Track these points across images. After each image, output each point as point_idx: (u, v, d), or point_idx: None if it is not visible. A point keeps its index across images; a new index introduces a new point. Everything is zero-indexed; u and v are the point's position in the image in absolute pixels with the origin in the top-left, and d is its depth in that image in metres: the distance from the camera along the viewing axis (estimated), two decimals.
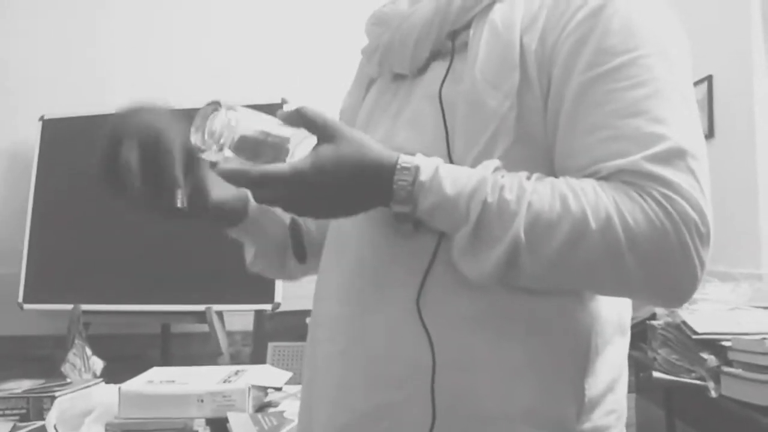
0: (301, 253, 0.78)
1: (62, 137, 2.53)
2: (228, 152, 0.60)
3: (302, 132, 0.61)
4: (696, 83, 2.37)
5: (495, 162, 0.60)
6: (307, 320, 2.04)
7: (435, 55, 0.68)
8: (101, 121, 2.60)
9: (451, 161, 0.63)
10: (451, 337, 0.61)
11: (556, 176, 0.61)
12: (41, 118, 2.56)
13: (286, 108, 0.65)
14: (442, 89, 0.65)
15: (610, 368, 0.66)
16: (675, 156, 0.56)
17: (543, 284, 0.60)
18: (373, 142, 0.61)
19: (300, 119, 0.60)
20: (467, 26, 0.66)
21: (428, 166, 0.59)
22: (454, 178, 0.59)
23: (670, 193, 0.55)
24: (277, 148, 0.60)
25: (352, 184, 0.59)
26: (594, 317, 0.64)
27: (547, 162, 0.62)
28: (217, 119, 0.59)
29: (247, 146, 0.60)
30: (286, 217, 0.79)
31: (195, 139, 0.61)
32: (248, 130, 0.60)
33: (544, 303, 0.61)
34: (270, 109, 2.29)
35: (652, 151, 0.56)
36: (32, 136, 2.55)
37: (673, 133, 0.56)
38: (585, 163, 0.58)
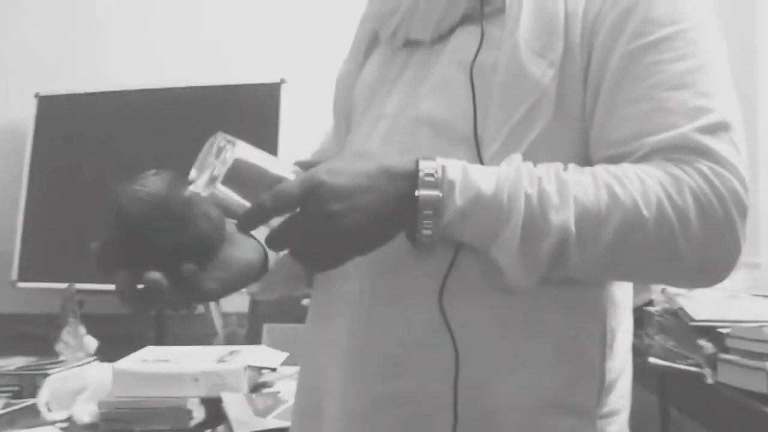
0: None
1: (58, 114, 2.51)
2: (220, 186, 0.56)
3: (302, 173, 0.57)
4: None
5: (519, 156, 0.57)
6: (304, 302, 2.03)
7: (462, 21, 0.65)
8: (97, 99, 2.58)
9: (476, 136, 0.60)
10: (473, 331, 0.59)
11: (590, 155, 0.59)
12: (37, 95, 2.54)
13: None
14: (477, 57, 0.61)
15: (623, 351, 0.65)
16: (721, 129, 0.55)
17: (587, 277, 0.59)
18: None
19: (301, 165, 0.58)
20: None
21: (454, 164, 0.56)
22: (485, 173, 0.56)
23: (717, 167, 0.54)
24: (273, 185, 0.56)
25: (372, 194, 0.54)
26: (610, 301, 0.64)
27: (581, 144, 0.60)
28: (213, 150, 0.56)
29: (241, 181, 0.56)
30: None
31: (192, 172, 0.58)
32: (243, 164, 0.56)
33: (566, 291, 0.60)
34: (269, 88, 2.26)
35: (699, 124, 0.55)
36: (28, 113, 2.53)
37: (718, 106, 0.56)
38: (628, 134, 0.57)
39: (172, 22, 2.67)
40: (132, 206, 0.59)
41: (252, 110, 2.27)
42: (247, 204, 0.56)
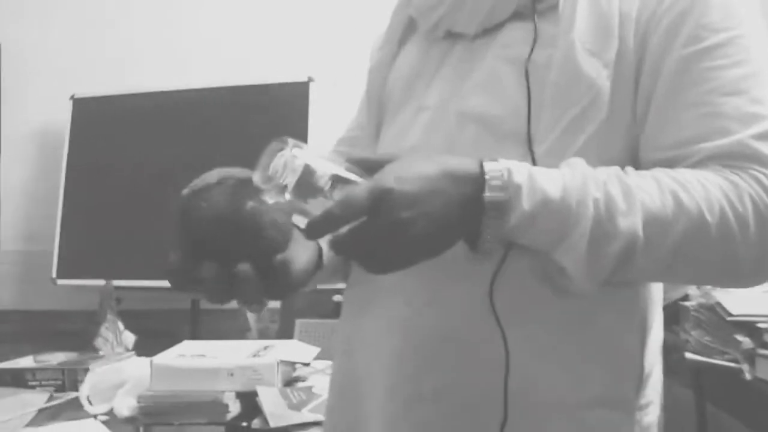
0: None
1: (93, 116, 2.56)
2: (288, 195, 0.55)
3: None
4: None
5: (581, 161, 0.57)
6: (335, 298, 2.04)
7: (511, 17, 0.65)
8: (131, 100, 2.62)
9: (529, 133, 0.60)
10: (522, 328, 0.60)
11: (640, 157, 0.60)
12: (72, 97, 2.59)
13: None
14: (533, 54, 0.61)
15: (657, 343, 0.66)
16: None
17: (644, 280, 0.61)
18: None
19: (358, 163, 0.57)
20: None
21: (519, 167, 0.55)
22: (551, 177, 0.55)
23: None
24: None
25: (438, 199, 0.53)
26: (648, 297, 0.65)
27: (629, 146, 0.61)
28: (281, 157, 0.55)
29: (309, 187, 0.54)
30: None
31: (257, 178, 0.56)
32: (310, 170, 0.54)
33: (609, 289, 0.60)
34: (298, 87, 2.26)
35: (755, 131, 0.56)
36: (63, 116, 2.58)
37: None
38: (684, 138, 0.58)
39: (203, 22, 2.71)
40: (200, 225, 0.57)
41: (281, 109, 2.29)
42: (313, 209, 0.56)
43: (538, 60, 0.61)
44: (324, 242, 0.69)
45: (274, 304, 2.45)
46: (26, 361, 1.55)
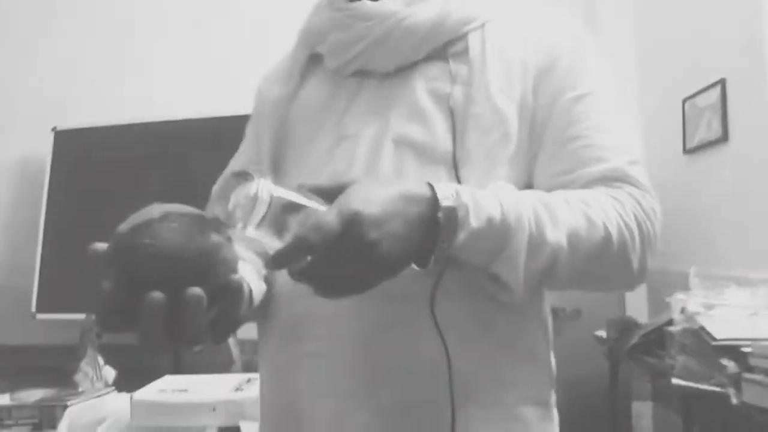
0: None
1: (74, 148, 2.55)
2: (251, 230, 0.54)
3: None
4: (708, 87, 2.35)
5: (505, 183, 0.66)
6: None
7: (425, 57, 0.73)
8: (114, 132, 2.60)
9: (455, 158, 0.68)
10: (461, 338, 0.66)
11: (534, 181, 0.70)
12: (53, 129, 2.58)
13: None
14: (453, 90, 0.71)
15: None
16: (637, 163, 0.69)
17: (560, 288, 0.68)
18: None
19: (315, 190, 0.59)
20: (460, 38, 0.73)
21: (464, 189, 0.61)
22: (489, 199, 0.61)
23: (643, 192, 0.67)
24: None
25: (399, 219, 0.56)
26: (547, 306, 0.75)
27: (529, 174, 0.71)
28: (242, 191, 0.54)
29: (277, 220, 0.54)
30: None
31: (219, 212, 0.54)
32: (277, 200, 0.54)
33: (534, 298, 0.70)
34: None
35: (626, 159, 0.68)
36: (45, 148, 2.57)
37: (633, 146, 0.71)
38: (569, 166, 0.69)
39: (183, 55, 2.72)
40: (145, 262, 0.52)
41: None
42: (276, 240, 0.55)
43: (454, 95, 0.71)
44: (253, 279, 0.68)
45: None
46: (2, 399, 1.51)
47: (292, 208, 0.56)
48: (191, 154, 2.37)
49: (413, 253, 0.59)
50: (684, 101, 2.53)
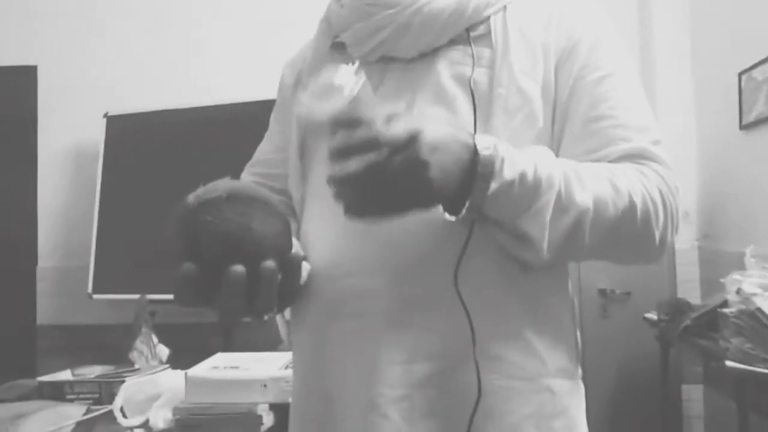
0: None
1: (126, 133, 2.62)
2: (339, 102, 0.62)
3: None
4: (766, 60, 2.25)
5: (541, 146, 0.67)
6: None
7: (448, 42, 0.74)
8: (165, 116, 2.64)
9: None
10: (486, 309, 0.68)
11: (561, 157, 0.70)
12: (105, 115, 2.65)
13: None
14: (474, 73, 0.72)
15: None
16: (660, 142, 0.72)
17: (585, 255, 0.69)
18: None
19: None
20: (481, 22, 0.74)
21: (501, 141, 0.63)
22: (525, 154, 0.64)
23: (666, 169, 0.69)
24: None
25: (448, 153, 0.59)
26: (570, 279, 0.77)
27: (554, 153, 0.71)
28: (342, 69, 0.63)
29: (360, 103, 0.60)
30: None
31: (313, 85, 0.64)
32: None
33: (557, 270, 0.73)
34: None
35: (650, 138, 0.70)
36: (97, 133, 2.64)
37: (654, 125, 0.73)
38: (595, 145, 0.70)
39: (233, 40, 2.75)
40: (210, 244, 0.56)
41: None
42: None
43: (477, 78, 0.72)
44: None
45: None
46: (64, 375, 1.58)
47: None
48: (242, 137, 2.39)
49: (450, 191, 0.61)
50: (740, 74, 2.43)
